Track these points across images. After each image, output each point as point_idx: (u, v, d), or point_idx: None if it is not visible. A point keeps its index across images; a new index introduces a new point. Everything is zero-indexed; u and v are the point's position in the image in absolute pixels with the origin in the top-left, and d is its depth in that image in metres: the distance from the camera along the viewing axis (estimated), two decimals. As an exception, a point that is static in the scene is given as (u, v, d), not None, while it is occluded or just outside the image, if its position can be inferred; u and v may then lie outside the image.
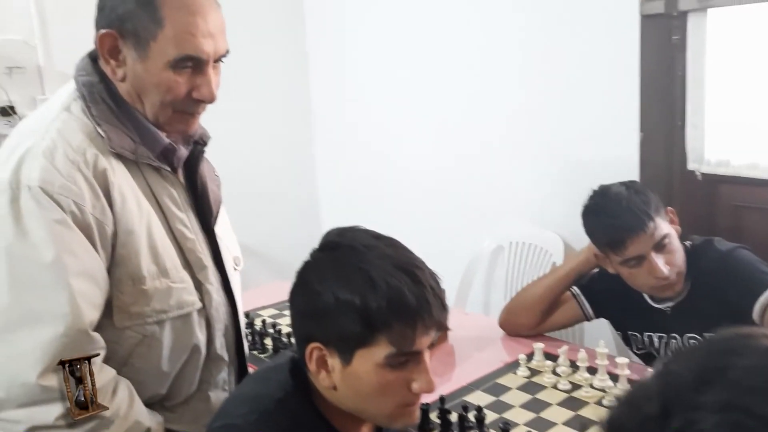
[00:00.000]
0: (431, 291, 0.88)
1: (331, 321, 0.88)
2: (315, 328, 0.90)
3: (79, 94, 1.09)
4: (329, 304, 0.87)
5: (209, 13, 1.08)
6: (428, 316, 0.87)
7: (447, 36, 2.50)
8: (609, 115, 2.05)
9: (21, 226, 0.98)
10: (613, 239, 1.44)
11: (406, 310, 0.86)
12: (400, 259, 0.90)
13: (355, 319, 0.86)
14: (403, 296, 0.86)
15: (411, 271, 0.88)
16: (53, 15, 2.48)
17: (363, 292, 0.86)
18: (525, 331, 1.69)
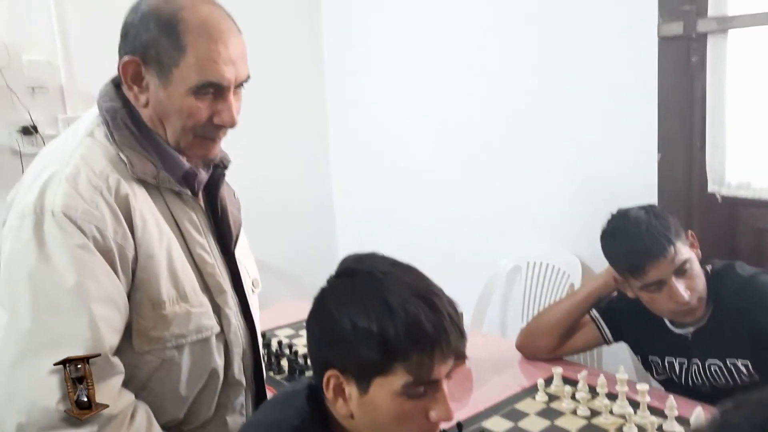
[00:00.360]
0: (449, 319, 0.88)
1: (349, 348, 0.88)
2: (332, 355, 0.90)
3: (102, 120, 1.11)
4: (347, 331, 0.87)
5: (230, 39, 1.09)
6: (446, 344, 0.87)
7: (465, 58, 2.51)
8: (627, 135, 2.04)
9: (44, 250, 1.00)
10: (633, 264, 1.43)
11: (424, 338, 0.85)
12: (418, 286, 0.90)
13: (372, 347, 0.86)
14: (421, 324, 0.85)
15: (429, 298, 0.88)
16: (76, 36, 2.52)
17: (381, 320, 0.86)
18: (543, 355, 1.67)
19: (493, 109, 2.45)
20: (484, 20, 2.41)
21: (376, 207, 3.04)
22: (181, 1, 1.08)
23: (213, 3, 1.12)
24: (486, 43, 2.43)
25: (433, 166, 2.73)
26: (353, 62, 3.03)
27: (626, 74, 2.01)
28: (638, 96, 1.99)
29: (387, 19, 2.80)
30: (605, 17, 2.03)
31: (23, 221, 1.01)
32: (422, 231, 2.81)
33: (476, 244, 2.60)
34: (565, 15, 2.14)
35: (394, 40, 2.79)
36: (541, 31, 2.23)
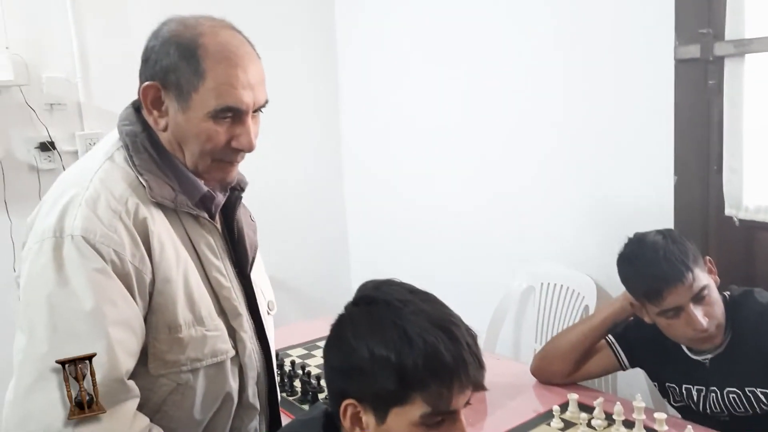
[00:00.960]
0: (468, 349, 0.87)
1: (366, 377, 0.87)
2: (349, 384, 0.90)
3: (122, 144, 1.12)
4: (364, 360, 0.87)
5: (249, 65, 1.10)
6: (465, 375, 0.86)
7: (480, 78, 2.52)
8: (643, 158, 2.03)
9: (63, 274, 1.00)
10: (650, 289, 1.42)
11: (443, 368, 0.85)
12: (437, 315, 0.89)
13: (390, 377, 0.85)
14: (440, 354, 0.85)
15: (447, 328, 0.87)
16: (94, 54, 2.56)
17: (399, 349, 0.85)
18: (558, 380, 1.65)
19: (507, 130, 2.45)
20: (500, 43, 2.42)
21: (389, 226, 3.04)
22: (200, 27, 1.09)
23: (232, 28, 1.13)
24: (500, 66, 2.43)
25: (447, 184, 2.72)
26: (368, 83, 3.05)
27: (643, 96, 2.01)
28: (655, 118, 1.98)
29: (402, 43, 2.81)
30: (622, 39, 2.03)
31: (42, 244, 1.02)
32: (435, 250, 2.81)
33: (489, 264, 2.58)
34: (582, 37, 2.14)
35: (409, 64, 2.80)
36: (557, 54, 2.23)
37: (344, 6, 3.10)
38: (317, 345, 2.01)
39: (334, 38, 3.15)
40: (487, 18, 2.45)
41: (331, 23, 3.14)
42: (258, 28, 1.32)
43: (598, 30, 2.10)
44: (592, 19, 2.10)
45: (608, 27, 2.07)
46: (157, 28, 1.11)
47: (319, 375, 1.70)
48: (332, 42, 3.16)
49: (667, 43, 1.90)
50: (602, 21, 2.08)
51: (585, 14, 2.12)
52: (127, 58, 1.49)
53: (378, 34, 2.94)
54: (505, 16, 2.38)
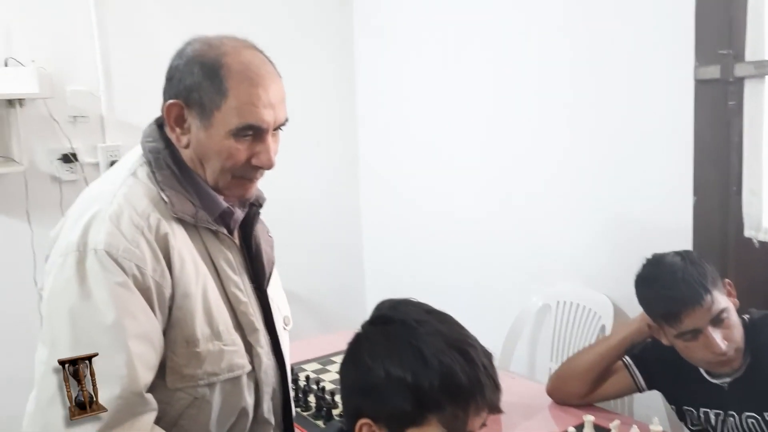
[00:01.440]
0: (484, 371, 0.87)
1: (382, 397, 0.87)
2: (365, 403, 0.90)
3: (145, 160, 1.14)
4: (380, 379, 0.87)
5: (270, 84, 1.12)
6: (481, 397, 0.86)
7: (497, 94, 2.52)
8: (662, 178, 2.02)
9: (85, 287, 1.02)
10: (668, 311, 1.41)
11: (459, 391, 0.85)
12: (453, 336, 0.89)
13: (406, 397, 0.85)
14: (456, 376, 0.85)
15: (464, 349, 0.87)
16: (117, 68, 2.61)
17: (415, 370, 0.85)
18: (574, 400, 1.64)
19: (525, 147, 2.45)
20: (518, 59, 2.42)
21: (405, 243, 3.04)
22: (224, 47, 1.11)
23: (254, 48, 1.15)
24: (518, 81, 2.44)
25: (463, 200, 2.73)
26: (385, 97, 3.06)
27: (662, 116, 2.00)
28: (674, 138, 1.97)
29: (420, 56, 2.83)
30: (642, 59, 2.02)
31: (66, 258, 1.03)
32: (451, 266, 2.80)
33: (505, 281, 2.58)
34: (601, 56, 2.14)
35: (426, 78, 2.82)
36: (576, 71, 2.23)
37: (362, 20, 3.13)
38: (332, 360, 2.02)
39: (352, 52, 3.18)
40: (505, 34, 2.46)
41: (350, 36, 3.17)
42: (279, 46, 1.34)
43: (618, 49, 2.10)
44: (612, 38, 2.11)
45: (628, 46, 2.07)
46: (182, 47, 1.13)
47: (334, 390, 1.70)
48: (350, 55, 3.18)
49: (687, 64, 1.90)
50: (622, 41, 2.08)
51: (605, 34, 2.13)
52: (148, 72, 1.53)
53: (396, 47, 2.96)
54: (523, 33, 2.39)
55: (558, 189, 2.35)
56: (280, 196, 2.33)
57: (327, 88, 3.14)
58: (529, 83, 2.40)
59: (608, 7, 2.11)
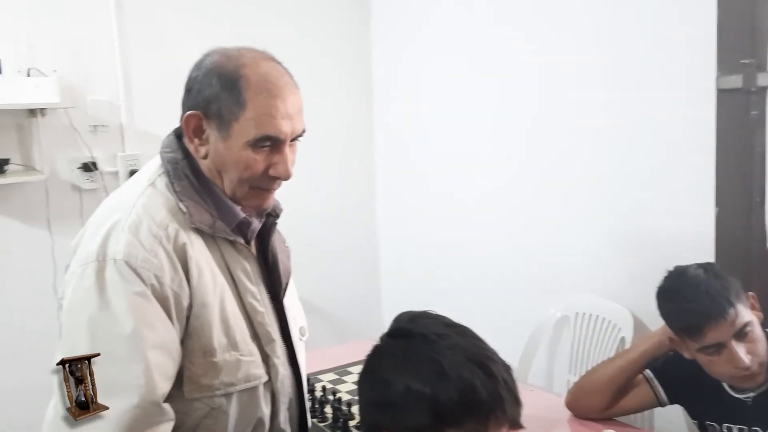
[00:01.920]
0: (504, 385, 0.86)
1: (401, 412, 0.86)
2: (384, 417, 0.89)
3: (164, 170, 1.14)
4: (399, 394, 0.86)
5: (288, 96, 1.12)
6: (501, 412, 0.85)
7: (514, 105, 2.51)
8: (683, 189, 2.00)
9: (104, 297, 1.02)
10: (691, 325, 1.38)
11: (479, 405, 0.83)
12: (473, 350, 0.88)
13: (425, 412, 0.84)
14: (475, 391, 0.84)
15: (484, 363, 0.86)
16: (137, 78, 2.64)
17: (434, 384, 0.84)
18: (594, 414, 1.62)
19: (544, 156, 2.43)
20: (536, 70, 2.41)
21: (421, 252, 3.03)
22: (242, 59, 1.11)
23: (273, 60, 1.15)
24: (535, 94, 2.42)
25: (479, 210, 2.71)
26: (402, 106, 3.07)
27: (683, 126, 1.98)
28: (695, 149, 1.95)
29: (437, 68, 2.83)
30: (663, 69, 2.01)
31: (86, 268, 1.04)
32: (467, 277, 2.79)
33: (523, 292, 2.55)
34: (621, 65, 2.13)
35: (443, 90, 2.82)
36: (596, 81, 2.22)
37: (380, 29, 3.13)
38: (348, 370, 2.01)
39: (369, 61, 3.19)
40: (525, 43, 2.45)
41: (367, 46, 3.18)
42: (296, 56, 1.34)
43: (639, 59, 2.08)
44: (634, 47, 2.09)
45: (650, 56, 2.05)
46: (201, 59, 1.14)
47: (351, 401, 1.69)
48: (367, 64, 3.19)
49: (708, 73, 1.88)
50: (644, 50, 2.06)
51: (626, 42, 2.11)
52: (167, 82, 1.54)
53: (413, 56, 2.96)
54: (544, 43, 2.38)
55: (577, 199, 2.33)
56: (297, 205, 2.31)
57: (343, 98, 3.15)
58: (547, 92, 2.39)
59: (630, 15, 2.09)
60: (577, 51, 2.27)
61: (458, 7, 2.69)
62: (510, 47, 2.50)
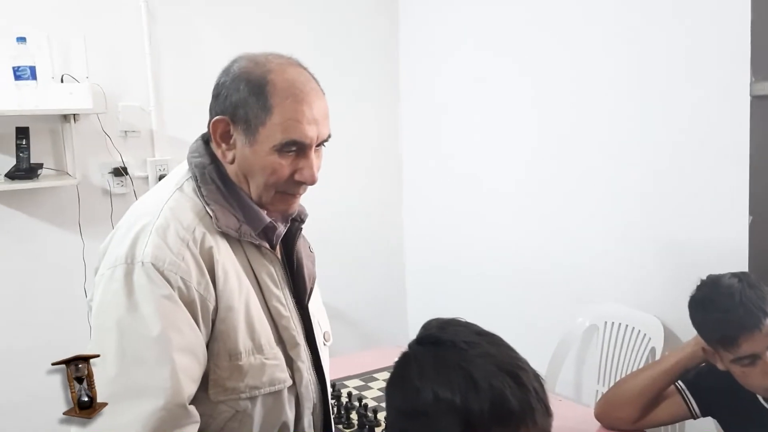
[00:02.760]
0: (535, 395, 0.84)
1: (430, 420, 0.85)
2: (412, 425, 0.87)
3: (191, 175, 1.15)
4: (428, 402, 0.85)
5: (314, 101, 1.12)
6: (531, 422, 0.83)
7: (547, 111, 2.49)
8: (716, 197, 1.96)
9: (132, 300, 1.03)
10: (725, 336, 1.35)
11: (509, 416, 0.82)
12: (504, 359, 0.87)
13: (454, 421, 0.83)
14: (506, 400, 0.82)
15: (515, 372, 0.84)
16: (167, 84, 2.67)
17: (464, 393, 0.83)
18: (624, 426, 1.58)
19: (572, 163, 2.41)
20: (569, 76, 2.38)
21: (448, 259, 3.01)
22: (269, 64, 1.12)
23: (299, 66, 1.16)
24: (567, 100, 2.40)
25: (509, 217, 2.69)
26: (429, 114, 3.06)
27: (717, 133, 1.94)
28: (728, 156, 1.91)
29: (466, 72, 2.82)
30: (696, 75, 1.97)
31: (115, 270, 1.05)
32: (494, 284, 2.76)
33: (551, 301, 2.52)
34: (654, 73, 2.10)
35: (470, 95, 2.80)
36: (629, 88, 2.18)
37: (408, 36, 3.13)
38: (374, 376, 2.00)
39: (397, 68, 3.19)
40: (556, 44, 2.43)
41: (395, 51, 3.18)
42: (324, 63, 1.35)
43: (672, 65, 2.05)
44: (667, 54, 2.06)
45: (683, 63, 2.01)
46: (228, 65, 1.15)
47: (376, 408, 1.69)
48: (395, 71, 3.19)
49: (742, 79, 1.84)
50: (677, 57, 2.03)
51: (658, 50, 2.08)
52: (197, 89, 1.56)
53: (440, 63, 2.95)
54: (576, 50, 2.35)
55: (607, 206, 2.30)
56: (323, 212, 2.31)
57: (370, 102, 3.15)
58: (579, 97, 2.36)
59: (663, 23, 2.06)
60: (610, 55, 2.24)
61: (487, 7, 2.68)
62: (541, 47, 2.48)
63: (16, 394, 2.37)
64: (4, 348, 2.41)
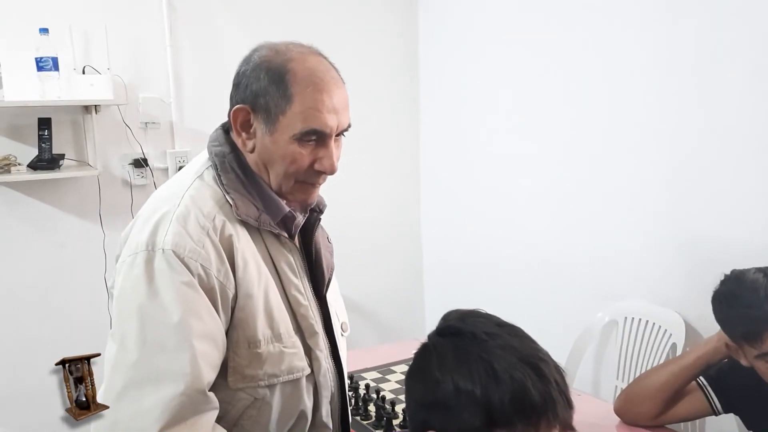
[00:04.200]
0: (556, 387, 0.83)
1: (450, 412, 0.84)
2: (432, 417, 0.87)
3: (211, 163, 1.15)
4: (449, 394, 0.84)
5: (334, 90, 1.12)
6: (553, 415, 0.82)
7: (567, 106, 2.46)
8: (742, 191, 1.92)
9: (153, 286, 1.03)
10: (749, 331, 1.33)
11: (530, 408, 0.81)
12: (525, 350, 0.86)
13: (475, 413, 0.82)
14: (527, 392, 0.81)
15: (536, 364, 0.84)
16: (187, 76, 2.69)
17: (485, 385, 0.82)
18: (644, 421, 1.57)
19: (592, 158, 2.38)
20: (591, 70, 2.35)
21: (466, 253, 3.00)
22: (290, 53, 1.12)
23: (319, 55, 1.15)
24: (590, 95, 2.37)
25: (528, 212, 2.67)
26: (449, 106, 3.04)
27: (741, 125, 1.91)
28: (755, 148, 1.87)
29: (486, 67, 2.80)
30: (721, 62, 1.94)
31: (136, 257, 1.05)
32: (512, 278, 2.74)
33: (569, 295, 2.50)
34: (676, 62, 2.06)
35: (491, 86, 2.78)
36: (651, 80, 2.15)
37: (427, 27, 3.12)
38: (391, 369, 2.00)
39: (417, 61, 3.17)
40: (580, 45, 2.39)
41: (414, 44, 3.17)
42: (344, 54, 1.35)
43: (697, 59, 2.01)
44: (694, 48, 2.02)
45: (709, 56, 1.98)
46: (249, 54, 1.15)
47: (394, 400, 1.69)
48: (414, 65, 3.18)
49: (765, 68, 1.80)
50: (703, 50, 1.99)
51: (686, 43, 2.04)
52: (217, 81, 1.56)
53: (460, 57, 2.93)
54: (601, 44, 2.32)
55: (627, 201, 2.27)
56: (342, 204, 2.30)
57: (390, 96, 3.15)
58: (600, 92, 2.33)
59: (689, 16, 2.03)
60: (635, 49, 2.20)
61: (509, 3, 2.65)
62: (564, 44, 2.45)
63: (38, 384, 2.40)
64: (26, 337, 2.45)
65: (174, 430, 1.00)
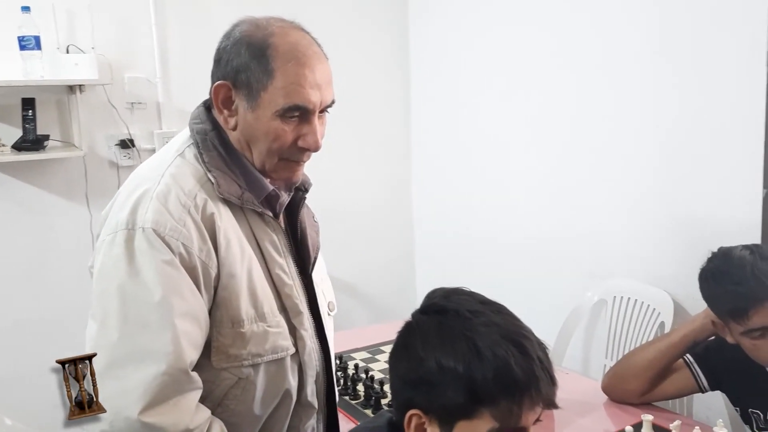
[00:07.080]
0: (539, 364, 0.83)
1: (434, 389, 0.84)
2: (416, 394, 0.87)
3: (193, 141, 1.14)
4: (432, 371, 0.84)
5: (317, 65, 1.10)
6: (536, 391, 0.82)
7: (557, 91, 2.44)
8: (729, 170, 1.92)
9: (134, 265, 1.02)
10: (736, 308, 1.33)
11: (513, 384, 0.81)
12: (508, 328, 0.85)
13: (458, 390, 0.82)
14: (510, 369, 0.81)
15: (519, 341, 0.83)
16: (173, 56, 2.65)
17: (468, 362, 0.82)
18: (631, 399, 1.58)
19: (583, 139, 2.37)
20: (581, 56, 2.33)
21: (457, 232, 2.99)
22: (271, 28, 1.10)
23: (301, 30, 1.13)
24: (579, 79, 2.35)
25: (518, 192, 2.66)
26: (440, 87, 3.02)
27: (731, 106, 1.90)
28: (742, 129, 1.87)
29: (478, 51, 2.77)
30: (711, 47, 1.92)
31: (116, 236, 1.04)
32: (503, 259, 2.74)
33: (559, 275, 2.50)
34: (667, 49, 2.04)
35: (481, 69, 2.76)
36: (642, 64, 2.13)
37: (419, 7, 3.08)
38: (381, 349, 2.00)
39: (407, 45, 3.14)
40: (567, 30, 2.38)
41: (404, 25, 3.14)
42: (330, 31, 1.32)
43: (686, 43, 1.99)
44: (681, 33, 2.00)
45: (698, 38, 1.96)
46: (229, 29, 1.12)
47: (383, 380, 1.69)
48: (405, 47, 3.15)
49: (758, 52, 1.79)
50: (693, 32, 1.98)
51: (674, 29, 2.02)
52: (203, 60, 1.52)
53: (452, 40, 2.91)
54: (587, 30, 2.30)
55: (617, 180, 2.26)
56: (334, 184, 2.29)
57: (380, 78, 3.12)
58: (591, 76, 2.31)
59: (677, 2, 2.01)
60: (621, 37, 2.19)
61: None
62: (555, 25, 2.43)
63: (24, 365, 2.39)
64: (12, 318, 2.43)
65: (157, 409, 1.00)
